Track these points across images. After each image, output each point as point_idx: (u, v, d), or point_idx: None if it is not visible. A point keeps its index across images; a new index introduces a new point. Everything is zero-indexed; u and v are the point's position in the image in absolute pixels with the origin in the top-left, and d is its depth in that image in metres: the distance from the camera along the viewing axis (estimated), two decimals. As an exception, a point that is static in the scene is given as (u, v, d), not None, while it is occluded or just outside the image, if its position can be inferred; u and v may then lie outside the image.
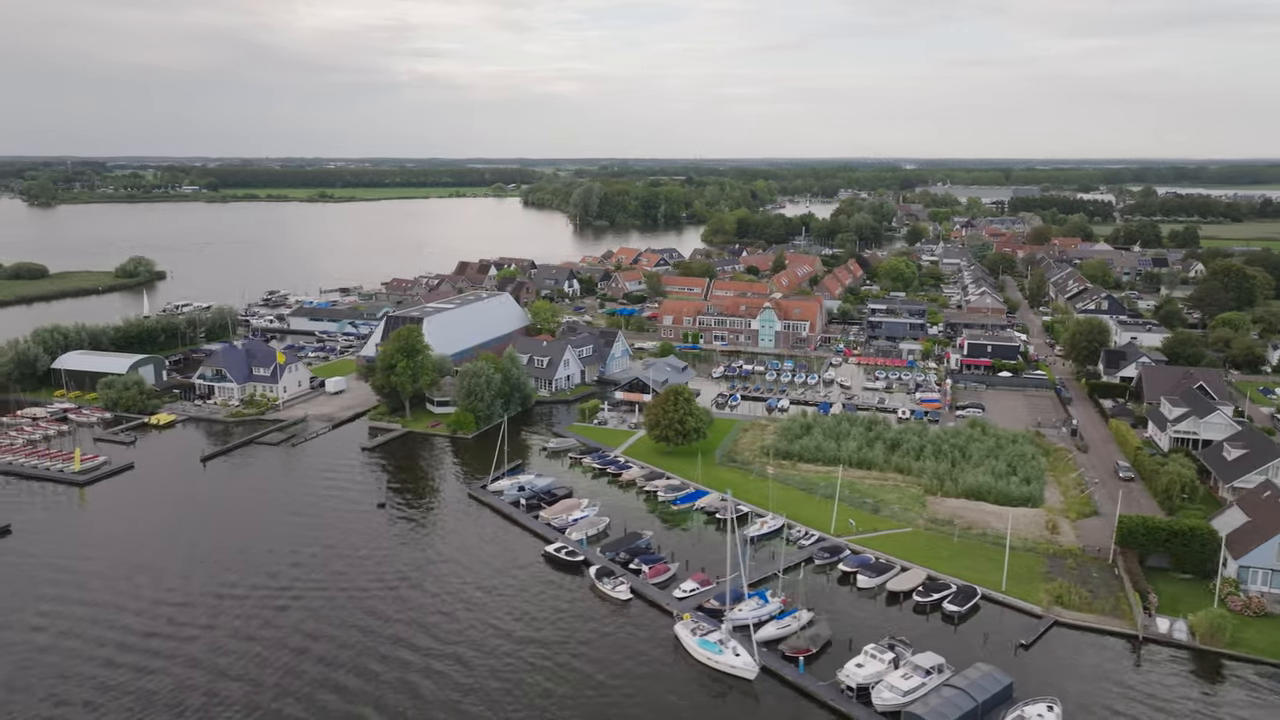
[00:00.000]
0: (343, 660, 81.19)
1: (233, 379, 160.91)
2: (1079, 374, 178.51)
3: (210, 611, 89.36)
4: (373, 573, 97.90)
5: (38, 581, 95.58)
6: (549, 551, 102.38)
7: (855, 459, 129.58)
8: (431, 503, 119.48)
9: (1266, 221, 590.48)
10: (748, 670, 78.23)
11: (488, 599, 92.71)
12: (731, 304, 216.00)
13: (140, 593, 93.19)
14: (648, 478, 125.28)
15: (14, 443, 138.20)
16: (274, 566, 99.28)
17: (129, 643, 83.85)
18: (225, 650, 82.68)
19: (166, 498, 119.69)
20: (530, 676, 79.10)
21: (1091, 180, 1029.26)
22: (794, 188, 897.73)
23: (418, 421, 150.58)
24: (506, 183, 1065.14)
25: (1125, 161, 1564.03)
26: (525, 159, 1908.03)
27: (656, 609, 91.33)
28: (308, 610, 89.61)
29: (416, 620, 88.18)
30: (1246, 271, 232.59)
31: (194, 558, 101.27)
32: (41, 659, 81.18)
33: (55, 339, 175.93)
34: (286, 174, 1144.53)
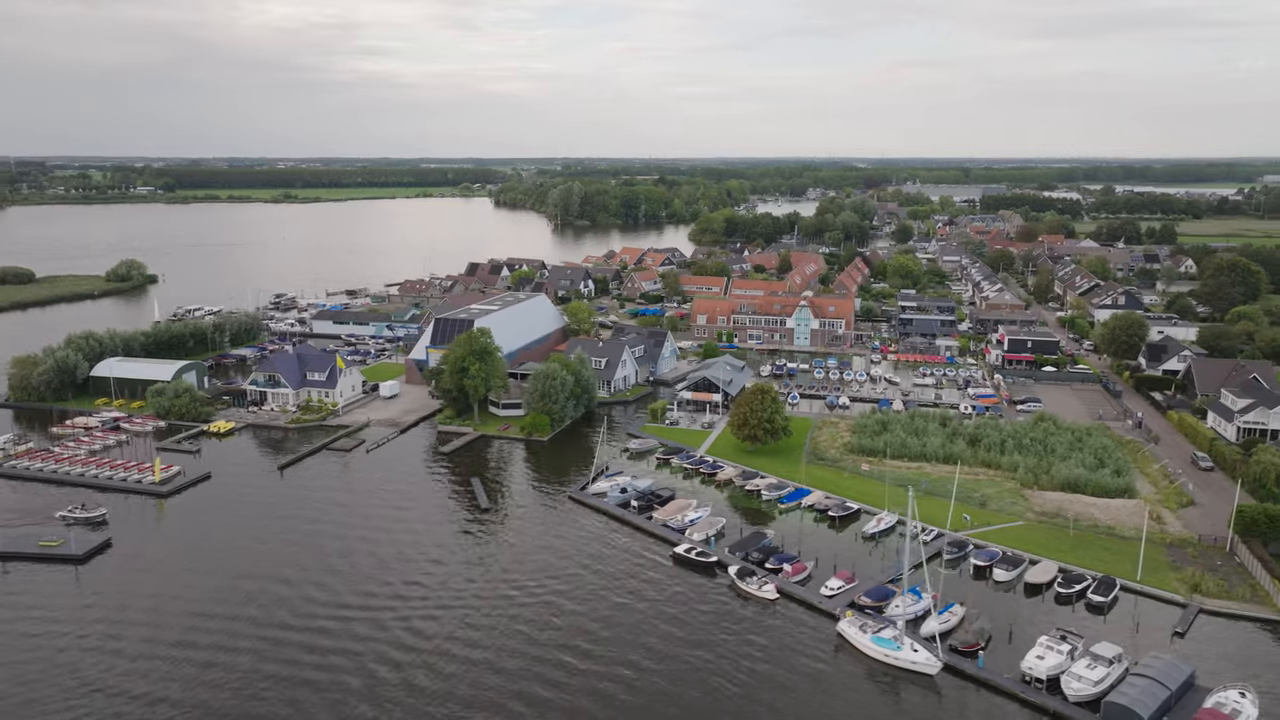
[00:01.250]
0: (517, 669, 79.99)
1: (288, 384, 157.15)
2: (1117, 367, 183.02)
3: (371, 623, 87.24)
4: (508, 579, 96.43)
5: (170, 598, 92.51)
6: (679, 553, 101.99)
7: (941, 455, 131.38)
8: (533, 506, 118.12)
9: (1225, 218, 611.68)
10: (930, 666, 78.92)
11: (633, 603, 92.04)
12: (765, 302, 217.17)
13: (292, 606, 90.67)
14: (744, 477, 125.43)
15: (76, 453, 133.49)
16: (406, 574, 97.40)
17: (316, 659, 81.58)
18: (406, 665, 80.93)
19: (257, 507, 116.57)
20: (709, 680, 78.77)
21: (1046, 179, 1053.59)
22: (762, 187, 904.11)
23: (486, 425, 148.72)
24: (470, 182, 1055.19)
25: (1073, 160, 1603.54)
26: (479, 158, 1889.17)
27: (804, 607, 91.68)
28: (461, 619, 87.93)
29: (577, 626, 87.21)
30: (1250, 266, 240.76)
31: (325, 568, 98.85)
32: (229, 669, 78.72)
33: (91, 345, 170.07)
34: (243, 174, 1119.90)
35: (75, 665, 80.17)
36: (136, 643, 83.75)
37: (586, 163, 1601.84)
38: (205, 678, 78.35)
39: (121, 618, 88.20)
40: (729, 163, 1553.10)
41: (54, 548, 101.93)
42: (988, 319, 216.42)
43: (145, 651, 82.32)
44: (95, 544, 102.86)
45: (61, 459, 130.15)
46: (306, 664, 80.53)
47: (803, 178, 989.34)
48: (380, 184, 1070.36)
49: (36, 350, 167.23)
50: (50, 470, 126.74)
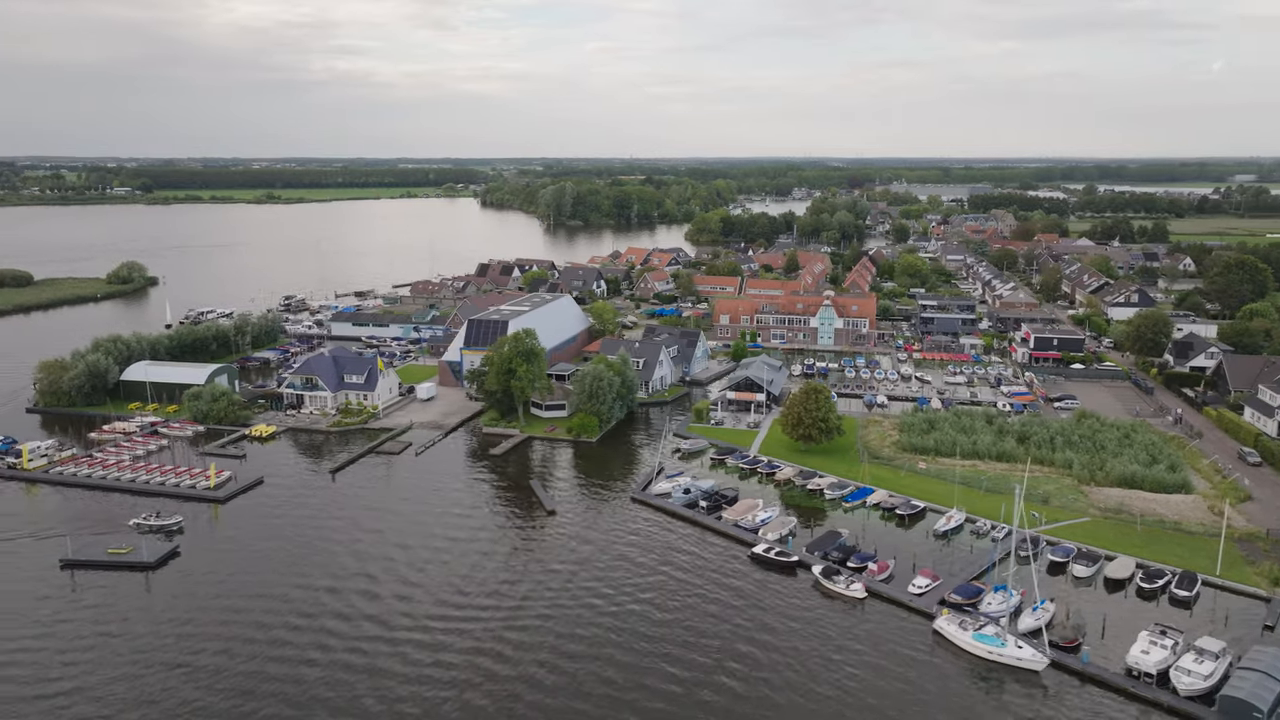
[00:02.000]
0: (625, 682, 79.38)
1: (326, 387, 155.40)
2: (1142, 364, 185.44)
3: (459, 633, 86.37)
4: (590, 587, 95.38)
5: (246, 607, 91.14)
6: (757, 553, 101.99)
7: (993, 452, 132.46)
8: (597, 508, 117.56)
9: (1206, 217, 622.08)
10: (1036, 662, 79.50)
11: (723, 607, 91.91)
12: (787, 302, 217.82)
13: (379, 617, 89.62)
14: (803, 477, 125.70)
15: (120, 459, 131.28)
16: (484, 582, 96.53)
17: (412, 670, 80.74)
18: (506, 678, 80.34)
19: (316, 512, 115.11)
20: (810, 683, 78.74)
21: (1025, 178, 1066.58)
22: (748, 186, 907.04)
23: (531, 426, 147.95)
24: (453, 183, 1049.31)
25: (1049, 160, 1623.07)
26: (457, 158, 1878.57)
27: (894, 605, 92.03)
28: (552, 629, 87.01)
29: (673, 637, 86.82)
30: (1258, 264, 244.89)
31: (401, 577, 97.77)
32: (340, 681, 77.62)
33: (119, 349, 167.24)
34: (220, 174, 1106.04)
35: (151, 673, 78.76)
36: (214, 655, 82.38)
37: (566, 163, 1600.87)
38: (304, 694, 77.26)
39: (197, 629, 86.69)
40: (707, 162, 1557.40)
41: (123, 555, 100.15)
42: (1007, 317, 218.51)
43: (224, 665, 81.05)
44: (165, 551, 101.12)
45: (108, 465, 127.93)
46: (404, 675, 79.69)
47: (787, 177, 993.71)
48: (361, 184, 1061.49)
49: (58, 354, 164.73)
50: (99, 477, 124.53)
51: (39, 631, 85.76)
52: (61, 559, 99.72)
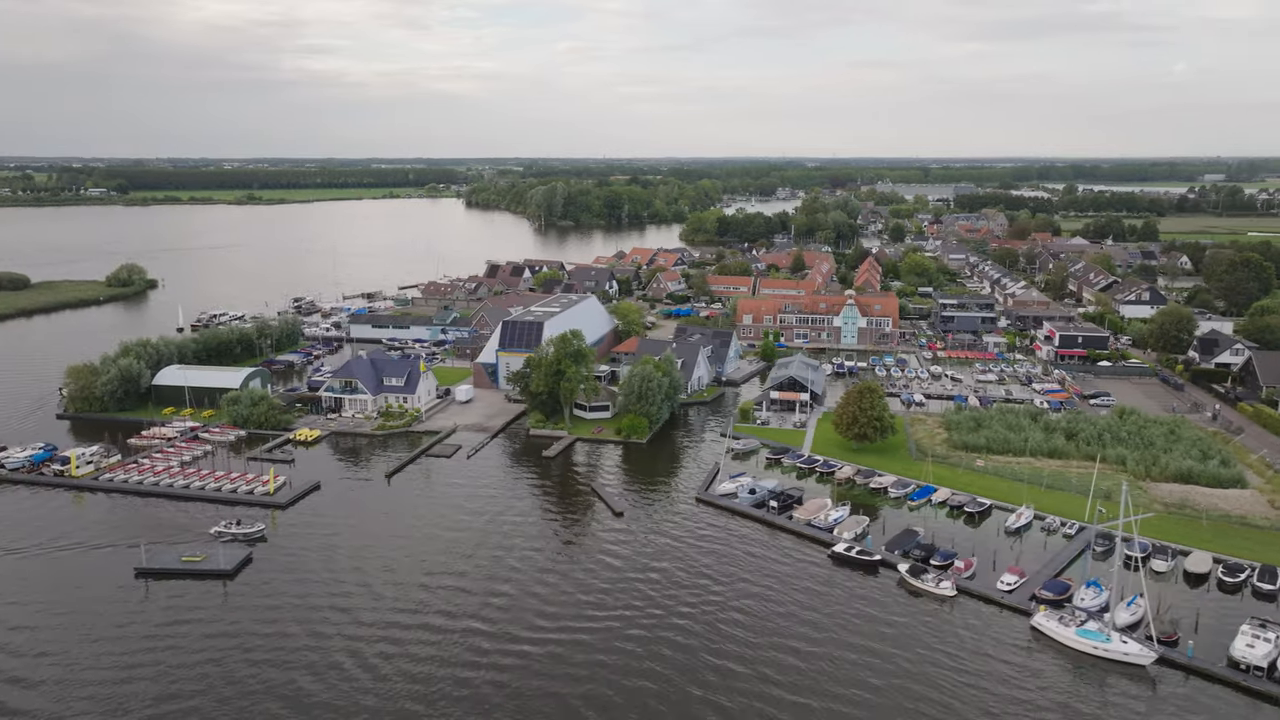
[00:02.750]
0: (745, 689, 79.29)
1: (367, 390, 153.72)
2: (1166, 361, 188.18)
3: (571, 644, 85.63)
4: (677, 594, 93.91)
5: (335, 610, 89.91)
6: (838, 552, 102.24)
7: (1045, 449, 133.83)
8: (664, 510, 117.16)
9: (1186, 216, 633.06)
10: (1143, 657, 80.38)
11: (820, 609, 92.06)
12: (810, 301, 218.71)
13: (484, 616, 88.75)
14: (863, 475, 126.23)
15: (169, 465, 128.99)
16: (573, 587, 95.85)
17: (524, 664, 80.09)
18: (634, 691, 79.95)
19: (381, 516, 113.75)
20: (912, 684, 78.83)
21: (1003, 178, 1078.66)
22: (731, 187, 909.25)
23: (578, 428, 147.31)
24: (435, 183, 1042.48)
25: (1024, 160, 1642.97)
26: (431, 159, 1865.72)
27: (984, 602, 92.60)
28: (668, 629, 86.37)
29: (787, 627, 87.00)
30: (1262, 262, 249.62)
31: (487, 574, 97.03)
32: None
33: (148, 353, 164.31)
34: (195, 175, 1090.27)
35: (253, 681, 77.56)
36: (317, 662, 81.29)
37: (541, 163, 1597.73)
38: (431, 692, 76.41)
39: (288, 637, 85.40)
40: (682, 162, 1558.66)
41: (197, 563, 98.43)
42: (1025, 315, 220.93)
43: (328, 669, 80.00)
44: (241, 559, 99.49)
45: (158, 471, 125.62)
46: (513, 667, 79.03)
47: (770, 177, 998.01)
48: (340, 185, 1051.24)
49: (71, 359, 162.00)
50: (150, 483, 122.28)
51: (146, 645, 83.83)
52: (136, 567, 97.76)
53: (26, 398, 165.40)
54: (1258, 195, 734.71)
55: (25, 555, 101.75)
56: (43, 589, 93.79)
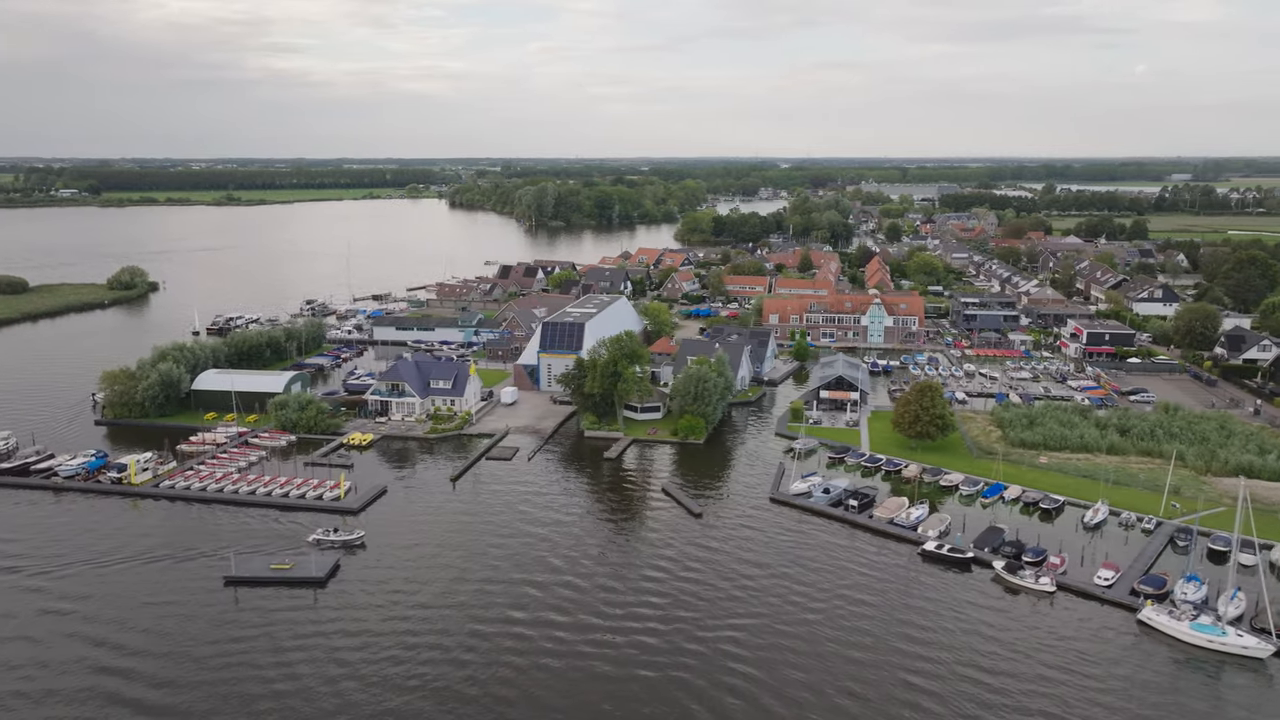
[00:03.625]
0: (876, 697, 79.56)
1: (415, 393, 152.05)
2: (1192, 358, 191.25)
3: (675, 648, 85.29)
4: (781, 596, 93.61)
5: (438, 614, 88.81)
6: (928, 550, 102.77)
7: (1102, 445, 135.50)
8: (741, 510, 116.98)
9: (1165, 215, 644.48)
10: (1261, 650, 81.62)
11: (924, 608, 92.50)
12: (835, 300, 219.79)
13: (583, 617, 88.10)
14: (931, 474, 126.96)
15: (227, 470, 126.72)
16: (672, 589, 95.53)
17: (645, 669, 79.55)
18: (744, 692, 79.77)
19: (456, 519, 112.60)
20: (1023, 681, 79.53)
21: (979, 177, 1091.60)
22: (714, 187, 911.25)
23: (631, 429, 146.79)
24: (416, 184, 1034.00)
25: (996, 160, 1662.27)
26: (401, 159, 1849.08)
27: (1084, 598, 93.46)
28: (767, 641, 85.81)
29: (898, 628, 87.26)
30: (1268, 260, 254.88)
31: (584, 574, 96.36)
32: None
33: (184, 357, 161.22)
34: (168, 175, 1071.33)
35: (370, 686, 76.49)
36: (432, 663, 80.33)
37: (515, 163, 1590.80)
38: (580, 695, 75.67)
39: (397, 642, 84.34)
40: (653, 162, 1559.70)
41: (287, 571, 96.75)
42: (1046, 313, 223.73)
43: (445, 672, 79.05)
44: (331, 566, 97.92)
45: (219, 478, 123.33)
46: (630, 664, 78.53)
47: (750, 177, 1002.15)
48: (316, 185, 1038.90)
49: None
50: (214, 490, 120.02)
51: (254, 651, 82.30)
52: (225, 576, 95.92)
53: (59, 405, 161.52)
54: (1229, 194, 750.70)
55: (109, 566, 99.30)
56: (136, 600, 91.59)
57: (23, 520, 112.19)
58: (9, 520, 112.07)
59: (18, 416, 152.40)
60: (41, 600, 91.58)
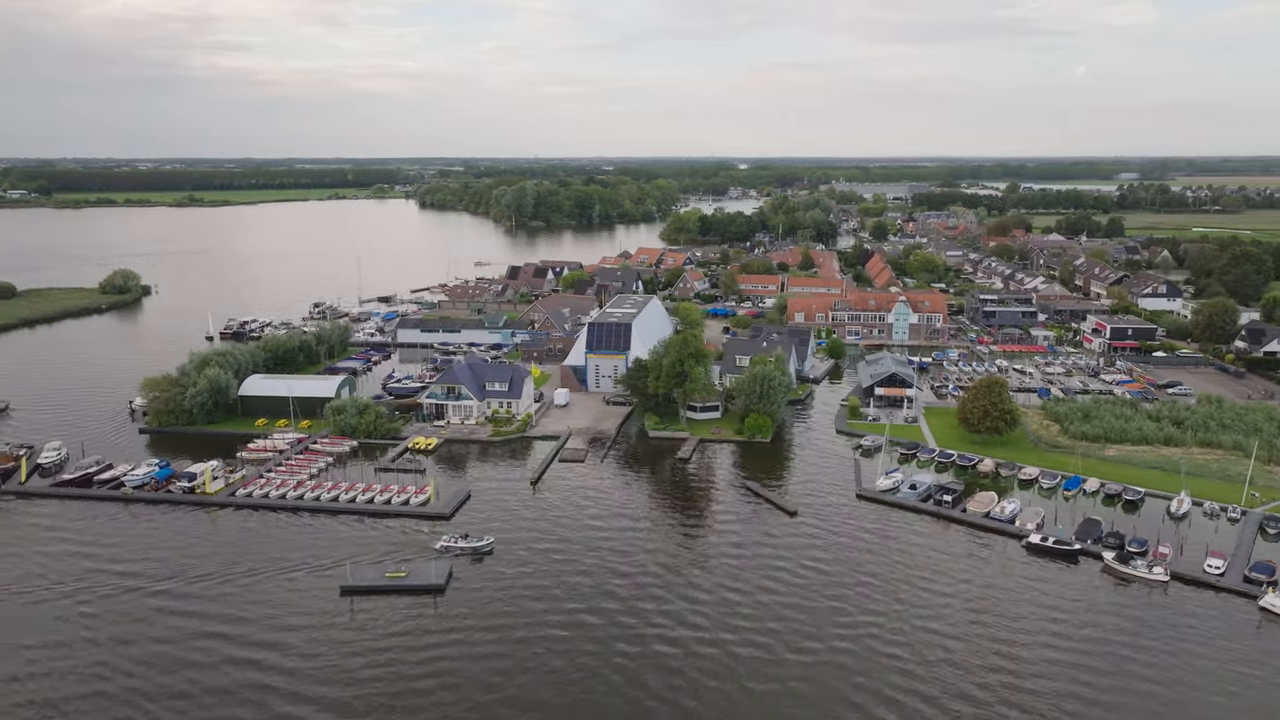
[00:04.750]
0: (993, 699, 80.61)
1: (473, 396, 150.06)
2: (1212, 351, 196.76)
3: (833, 666, 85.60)
4: (904, 596, 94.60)
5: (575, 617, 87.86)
6: (1033, 543, 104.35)
7: (1160, 437, 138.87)
8: (834, 507, 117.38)
9: (1127, 212, 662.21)
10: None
11: (1046, 602, 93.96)
12: (860, 298, 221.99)
13: (733, 629, 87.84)
14: (1008, 468, 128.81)
15: (299, 477, 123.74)
16: (798, 594, 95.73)
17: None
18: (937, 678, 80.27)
19: (553, 522, 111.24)
20: (1158, 672, 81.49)
21: (940, 176, 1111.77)
22: (685, 186, 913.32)
23: (694, 429, 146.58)
24: (383, 184, 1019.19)
25: (950, 160, 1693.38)
26: (357, 159, 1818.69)
27: (1198, 586, 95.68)
28: (935, 630, 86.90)
29: (1028, 627, 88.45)
30: (1261, 256, 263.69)
31: (711, 580, 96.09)
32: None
33: (228, 362, 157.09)
34: (126, 176, 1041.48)
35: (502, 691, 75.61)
36: (563, 667, 79.57)
37: (473, 162, 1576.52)
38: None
39: (515, 647, 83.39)
40: (611, 162, 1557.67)
41: (403, 579, 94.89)
42: (1062, 309, 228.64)
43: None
44: (447, 572, 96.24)
45: (296, 485, 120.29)
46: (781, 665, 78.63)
47: (719, 177, 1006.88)
48: (277, 186, 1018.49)
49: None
50: (293, 498, 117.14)
51: (427, 668, 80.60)
52: (341, 585, 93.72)
53: (95, 414, 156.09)
54: (1184, 193, 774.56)
55: (229, 578, 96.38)
56: (266, 610, 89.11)
57: (124, 533, 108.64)
58: (102, 532, 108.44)
59: (56, 426, 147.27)
60: (180, 616, 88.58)
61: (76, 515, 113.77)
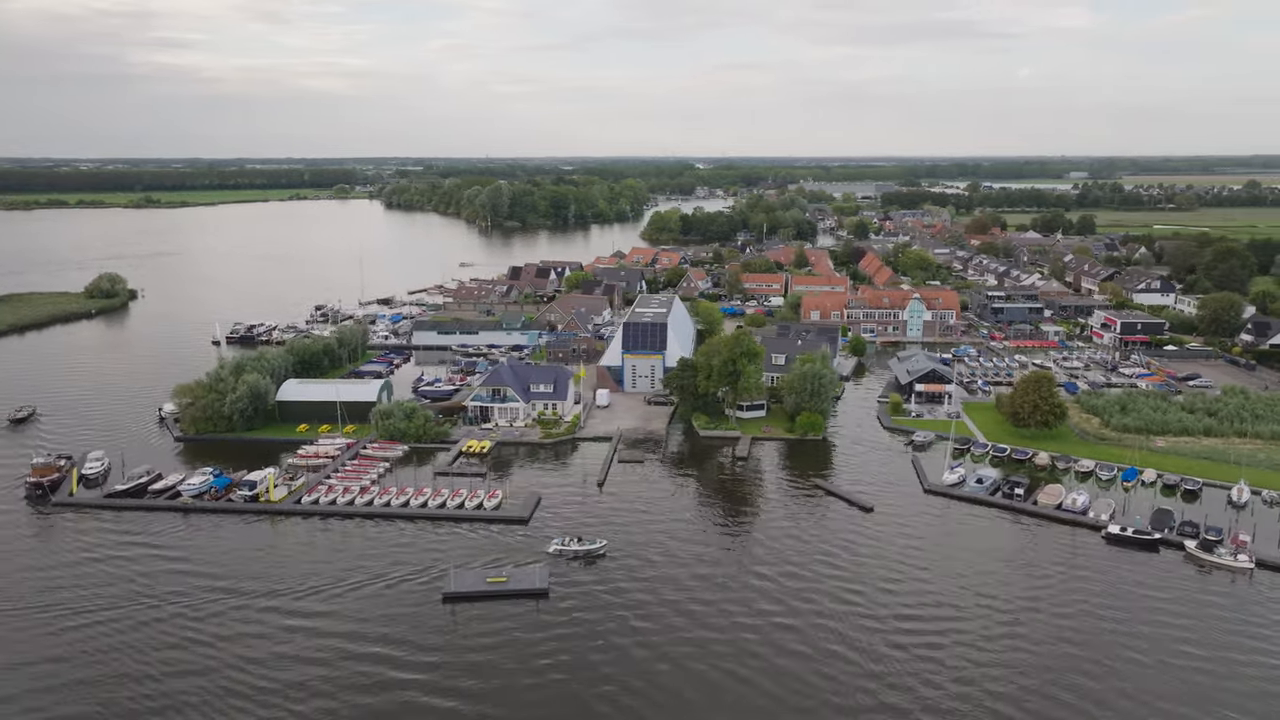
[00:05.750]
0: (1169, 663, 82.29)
1: (519, 398, 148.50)
2: (1219, 344, 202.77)
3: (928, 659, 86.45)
4: (985, 592, 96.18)
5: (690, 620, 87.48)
6: (1113, 534, 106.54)
7: (1200, 428, 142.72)
8: (904, 503, 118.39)
9: (1087, 210, 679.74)
10: None
11: (1138, 594, 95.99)
12: (875, 296, 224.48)
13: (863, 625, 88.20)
14: (1064, 461, 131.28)
15: (360, 483, 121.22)
16: (894, 598, 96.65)
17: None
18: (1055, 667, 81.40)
19: (636, 523, 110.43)
20: (1256, 653, 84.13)
21: (898, 176, 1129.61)
22: (653, 186, 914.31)
23: (744, 428, 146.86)
24: (344, 184, 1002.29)
25: (906, 159, 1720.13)
26: (308, 159, 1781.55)
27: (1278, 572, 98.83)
28: (995, 651, 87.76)
29: (1130, 620, 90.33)
30: (1244, 252, 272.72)
31: (859, 583, 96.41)
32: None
33: (263, 367, 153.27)
34: (66, 177, 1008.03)
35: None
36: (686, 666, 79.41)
37: (428, 162, 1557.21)
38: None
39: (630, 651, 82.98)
40: (565, 161, 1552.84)
41: (504, 584, 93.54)
42: (1067, 305, 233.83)
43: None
44: (547, 576, 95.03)
45: (362, 492, 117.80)
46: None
47: (685, 177, 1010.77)
48: (232, 186, 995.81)
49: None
50: (362, 504, 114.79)
51: (556, 675, 79.39)
52: (444, 593, 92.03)
53: (122, 422, 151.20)
54: (1138, 191, 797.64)
55: (324, 590, 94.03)
56: (376, 619, 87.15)
57: (213, 544, 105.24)
58: (195, 545, 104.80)
59: (84, 434, 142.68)
60: (306, 633, 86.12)
61: (138, 527, 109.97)
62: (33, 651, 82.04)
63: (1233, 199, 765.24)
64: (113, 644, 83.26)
